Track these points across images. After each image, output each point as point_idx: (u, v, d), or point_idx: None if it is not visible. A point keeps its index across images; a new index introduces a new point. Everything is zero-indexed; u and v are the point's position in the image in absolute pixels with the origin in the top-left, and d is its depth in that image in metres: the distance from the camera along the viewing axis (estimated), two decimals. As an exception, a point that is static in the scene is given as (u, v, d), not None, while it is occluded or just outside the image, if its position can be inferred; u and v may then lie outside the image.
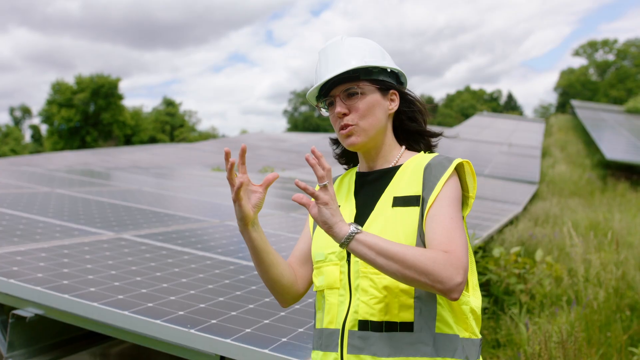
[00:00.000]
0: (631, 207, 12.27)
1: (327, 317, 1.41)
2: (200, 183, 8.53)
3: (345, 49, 1.44)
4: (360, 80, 1.42)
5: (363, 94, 1.43)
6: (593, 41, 64.80)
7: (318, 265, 1.45)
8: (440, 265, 1.20)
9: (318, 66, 1.48)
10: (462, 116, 62.02)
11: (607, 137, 22.25)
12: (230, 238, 3.96)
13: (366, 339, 1.32)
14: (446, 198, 1.34)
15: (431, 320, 1.31)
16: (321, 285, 1.43)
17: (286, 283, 1.49)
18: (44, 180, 6.51)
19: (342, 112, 1.42)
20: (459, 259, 1.23)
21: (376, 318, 1.32)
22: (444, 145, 21.15)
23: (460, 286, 1.21)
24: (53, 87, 50.74)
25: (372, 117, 1.43)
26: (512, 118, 38.05)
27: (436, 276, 1.19)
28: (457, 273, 1.21)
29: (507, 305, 5.21)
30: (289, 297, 1.52)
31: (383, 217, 1.37)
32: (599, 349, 4.01)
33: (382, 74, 1.46)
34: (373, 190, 1.46)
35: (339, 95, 1.44)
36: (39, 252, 2.93)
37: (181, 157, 22.11)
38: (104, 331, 2.23)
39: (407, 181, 1.40)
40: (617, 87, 59.21)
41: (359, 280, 1.35)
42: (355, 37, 1.48)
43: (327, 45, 1.47)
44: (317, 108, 1.52)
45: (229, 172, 1.33)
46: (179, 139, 57.13)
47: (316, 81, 1.47)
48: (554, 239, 7.75)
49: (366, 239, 1.22)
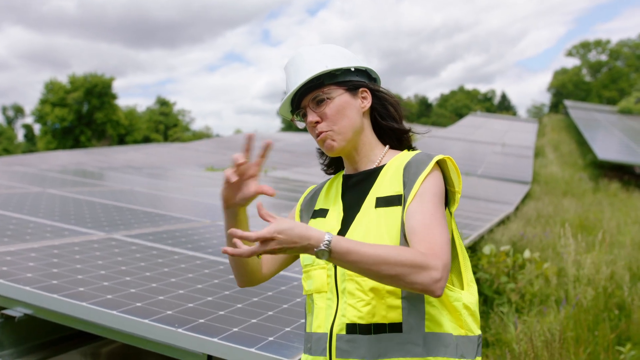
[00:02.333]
0: (622, 207, 12.36)
1: (315, 321, 1.40)
2: (193, 183, 8.54)
3: (306, 58, 1.44)
4: (325, 85, 1.42)
5: (330, 99, 1.42)
6: (586, 41, 65.09)
7: (306, 269, 1.44)
8: (419, 264, 1.19)
9: (286, 81, 1.49)
10: (456, 116, 62.16)
11: (599, 137, 22.37)
12: (221, 238, 3.97)
13: (354, 342, 1.31)
14: (426, 194, 1.32)
15: (420, 320, 1.30)
16: (310, 289, 1.43)
17: (255, 266, 1.50)
18: (36, 180, 6.51)
19: (315, 121, 1.42)
20: (437, 256, 1.22)
21: (364, 321, 1.31)
22: (437, 145, 21.22)
23: (440, 282, 1.19)
24: (46, 86, 50.60)
25: (345, 119, 1.42)
26: (505, 118, 38.21)
27: (415, 275, 1.18)
28: (436, 271, 1.19)
29: (496, 304, 5.24)
30: (247, 280, 1.52)
31: (367, 218, 1.37)
32: (587, 347, 4.05)
33: (347, 75, 1.44)
34: (358, 192, 1.45)
35: (309, 104, 1.44)
36: (29, 252, 2.94)
37: (175, 156, 22.07)
38: (93, 331, 2.24)
39: (389, 181, 1.40)
40: (610, 87, 59.52)
41: (345, 284, 1.34)
42: (315, 45, 1.48)
43: (289, 59, 1.48)
44: (292, 122, 1.52)
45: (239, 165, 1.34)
46: (173, 139, 57.01)
47: (285, 96, 1.48)
48: (544, 239, 7.80)
49: (340, 244, 1.19)
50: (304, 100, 1.45)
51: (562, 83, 63.47)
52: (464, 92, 76.97)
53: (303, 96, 1.44)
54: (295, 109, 1.48)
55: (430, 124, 60.11)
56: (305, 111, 1.45)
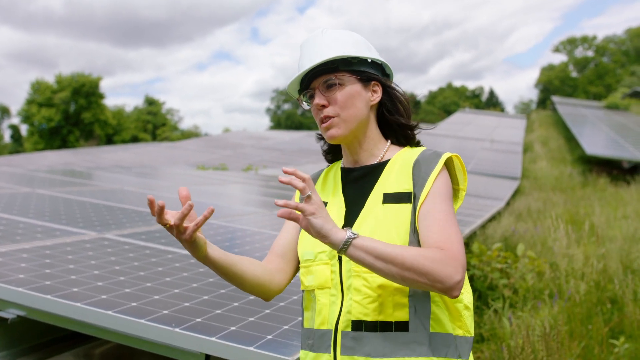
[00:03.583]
0: (612, 201, 12.44)
1: (318, 318, 1.38)
2: (183, 182, 8.49)
3: (325, 41, 1.41)
4: (338, 71, 1.39)
5: (342, 85, 1.39)
6: (572, 38, 65.62)
7: (307, 264, 1.42)
8: (439, 264, 1.18)
9: (300, 59, 1.45)
10: (444, 113, 62.37)
11: (587, 132, 22.54)
12: (214, 237, 3.94)
13: (360, 340, 1.30)
14: (439, 194, 1.32)
15: (426, 320, 1.30)
16: (311, 285, 1.40)
17: (264, 282, 1.42)
18: (24, 180, 6.43)
19: (321, 104, 1.39)
20: (457, 257, 1.22)
21: (370, 318, 1.30)
22: (426, 142, 21.24)
23: (460, 283, 1.20)
24: (32, 86, 50.16)
25: (352, 108, 1.39)
26: (494, 114, 38.37)
27: (436, 276, 1.18)
28: (456, 271, 1.19)
29: (490, 300, 5.26)
30: (270, 293, 1.46)
31: (374, 214, 1.35)
32: (581, 341, 4.06)
33: (363, 65, 1.42)
34: (361, 186, 1.43)
35: (319, 87, 1.41)
36: (20, 253, 2.89)
37: (164, 156, 21.98)
38: (88, 331, 2.21)
39: (396, 177, 1.38)
40: (596, 83, 59.99)
41: (351, 280, 1.32)
42: (336, 29, 1.46)
43: (308, 37, 1.45)
44: (298, 101, 1.49)
45: (159, 217, 1.21)
46: (161, 138, 56.76)
47: (297, 73, 1.45)
48: (535, 234, 7.83)
49: (364, 244, 1.19)
50: (314, 81, 1.41)
51: (549, 79, 63.90)
52: (452, 89, 77.30)
53: (314, 77, 1.41)
54: (304, 89, 1.45)
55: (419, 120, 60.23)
56: (314, 93, 1.42)
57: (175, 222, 1.20)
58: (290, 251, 1.52)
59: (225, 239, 3.91)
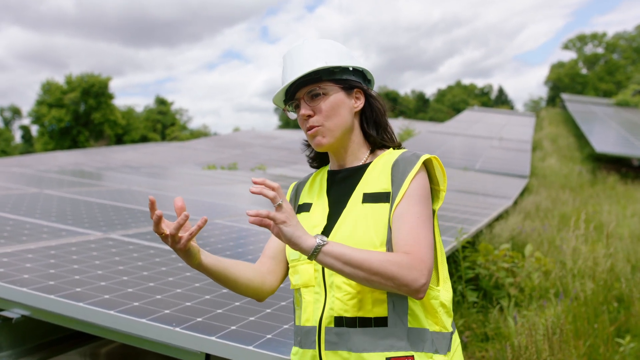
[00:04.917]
0: (621, 200, 12.36)
1: (304, 315, 1.43)
2: (191, 182, 8.53)
3: (307, 51, 1.45)
4: (322, 81, 1.44)
5: (326, 95, 1.44)
6: (582, 35, 65.08)
7: (293, 264, 1.47)
8: (404, 269, 1.25)
9: (283, 70, 1.50)
10: (453, 111, 62.17)
11: (597, 130, 22.37)
12: (219, 237, 3.97)
13: (342, 335, 1.35)
14: (414, 195, 1.36)
15: (404, 315, 1.34)
16: (297, 283, 1.46)
17: (256, 284, 1.49)
18: (33, 181, 6.49)
19: (307, 114, 1.44)
20: (423, 261, 1.28)
21: (350, 314, 1.34)
22: (436, 140, 21.21)
23: (424, 287, 1.27)
24: (43, 87, 50.52)
25: (337, 117, 1.44)
26: (502, 112, 38.18)
27: (401, 280, 1.25)
28: (422, 274, 1.26)
29: (496, 299, 5.25)
30: (262, 294, 1.53)
31: (354, 214, 1.40)
32: (586, 340, 4.05)
33: (345, 74, 1.47)
34: (344, 187, 1.48)
35: (304, 97, 1.45)
36: (26, 254, 2.93)
37: (173, 155, 22.07)
38: (91, 331, 2.24)
39: (376, 177, 1.42)
40: (606, 80, 59.55)
41: (333, 277, 1.37)
42: (318, 39, 1.51)
43: (290, 48, 1.50)
44: (284, 112, 1.54)
45: (156, 226, 1.27)
46: (171, 138, 56.96)
47: (281, 85, 1.49)
48: (543, 232, 7.80)
49: (332, 250, 1.24)
50: (299, 92, 1.46)
51: (559, 76, 63.49)
52: (461, 87, 77.03)
53: (299, 88, 1.46)
54: (289, 100, 1.49)
55: (428, 119, 60.19)
56: (299, 103, 1.47)
57: (171, 231, 1.27)
58: (281, 253, 1.58)
59: (229, 238, 3.94)
